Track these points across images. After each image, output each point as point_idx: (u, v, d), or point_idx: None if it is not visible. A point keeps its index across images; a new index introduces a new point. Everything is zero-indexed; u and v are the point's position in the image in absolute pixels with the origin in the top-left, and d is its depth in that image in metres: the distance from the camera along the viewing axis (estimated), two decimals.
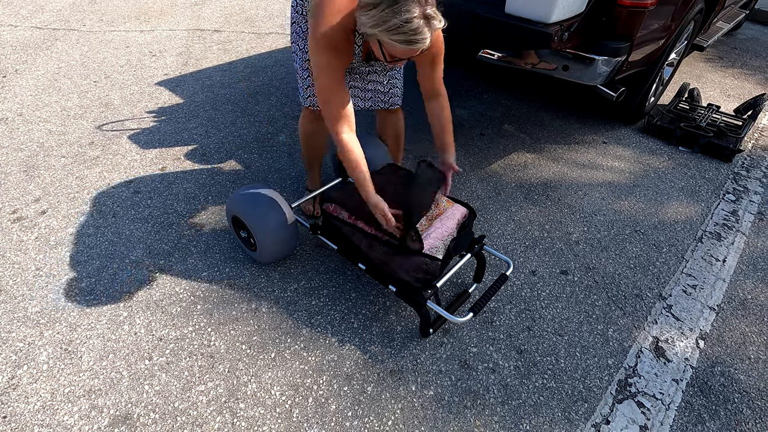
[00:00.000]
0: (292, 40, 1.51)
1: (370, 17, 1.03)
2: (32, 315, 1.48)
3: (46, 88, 2.82)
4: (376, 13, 1.01)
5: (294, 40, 1.50)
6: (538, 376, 1.41)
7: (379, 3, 1.01)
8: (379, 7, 1.01)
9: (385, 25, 1.01)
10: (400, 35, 1.02)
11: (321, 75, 1.18)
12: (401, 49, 1.06)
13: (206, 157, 2.28)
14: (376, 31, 1.04)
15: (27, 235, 1.78)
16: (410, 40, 1.03)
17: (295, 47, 1.51)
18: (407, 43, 1.04)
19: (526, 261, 1.81)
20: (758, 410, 1.36)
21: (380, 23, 1.02)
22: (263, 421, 1.24)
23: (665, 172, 2.41)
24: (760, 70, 3.76)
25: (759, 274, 1.83)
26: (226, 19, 4.06)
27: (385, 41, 1.06)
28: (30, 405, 1.25)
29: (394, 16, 1.00)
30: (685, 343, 1.54)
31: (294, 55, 1.54)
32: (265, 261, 1.64)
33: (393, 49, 1.08)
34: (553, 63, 2.04)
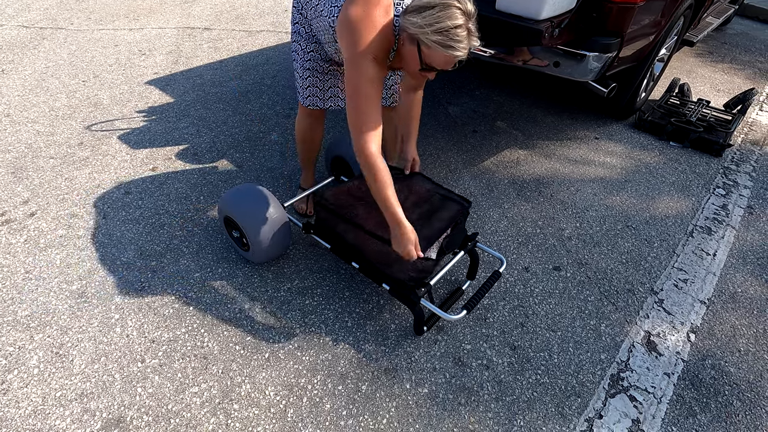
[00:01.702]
0: (293, 39, 1.50)
1: (423, 17, 1.08)
2: (22, 319, 1.46)
3: (34, 88, 2.78)
4: (430, 14, 1.07)
5: (295, 40, 1.49)
6: (532, 371, 1.42)
7: (433, 5, 1.07)
8: (433, 8, 1.07)
9: (436, 26, 1.07)
10: (445, 38, 1.08)
11: (363, 86, 1.17)
12: (441, 55, 1.11)
13: (198, 157, 2.26)
14: (426, 31, 1.08)
15: (16, 238, 1.75)
16: (453, 46, 1.09)
17: (296, 46, 1.50)
18: (449, 48, 1.09)
19: (519, 257, 1.82)
20: (748, 402, 1.38)
21: (432, 23, 1.07)
22: (257, 422, 1.24)
23: (656, 167, 2.42)
24: (749, 65, 3.79)
25: (749, 268, 1.85)
26: (216, 16, 4.02)
27: (429, 44, 1.10)
28: (21, 410, 1.23)
29: (446, 20, 1.06)
30: (676, 337, 1.55)
31: (294, 54, 1.52)
32: (258, 261, 1.64)
33: (433, 55, 1.12)
34: (545, 59, 2.05)
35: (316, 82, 1.54)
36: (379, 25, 1.16)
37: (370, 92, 1.18)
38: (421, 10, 1.09)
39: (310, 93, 1.56)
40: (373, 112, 1.19)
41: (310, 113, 1.64)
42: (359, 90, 1.18)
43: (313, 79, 1.53)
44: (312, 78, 1.53)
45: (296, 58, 1.52)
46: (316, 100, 1.58)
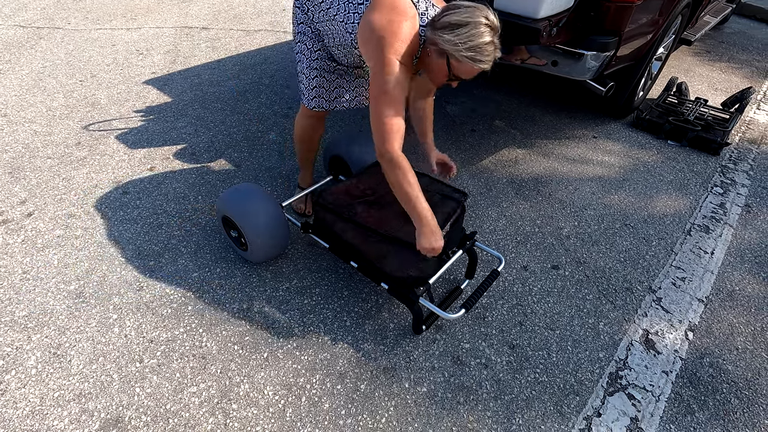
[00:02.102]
0: (297, 40, 1.49)
1: (456, 35, 1.13)
2: (19, 319, 1.46)
3: (31, 87, 2.77)
4: (463, 32, 1.13)
5: (300, 40, 1.48)
6: (531, 370, 1.42)
7: (465, 23, 1.13)
8: (466, 27, 1.13)
9: (469, 44, 1.13)
10: (477, 53, 1.15)
11: (392, 90, 1.20)
12: (469, 68, 1.19)
13: (196, 157, 2.26)
14: (459, 48, 1.14)
15: (13, 238, 1.75)
16: (483, 60, 1.16)
17: (301, 47, 1.49)
18: (479, 62, 1.17)
19: (518, 256, 1.82)
20: (746, 400, 1.38)
21: (465, 41, 1.13)
22: (256, 422, 1.24)
23: (654, 165, 2.43)
24: (747, 64, 3.80)
25: (746, 266, 1.85)
26: (214, 16, 4.01)
27: (460, 58, 1.16)
28: (18, 410, 1.23)
29: (476, 38, 1.13)
30: (674, 335, 1.56)
31: (300, 55, 1.51)
32: (257, 260, 1.64)
33: (462, 67, 1.19)
34: (543, 58, 2.05)
35: (323, 83, 1.53)
36: (405, 33, 1.20)
37: (397, 96, 1.21)
38: (453, 27, 1.14)
39: (316, 94, 1.55)
40: (399, 115, 1.23)
41: (312, 114, 1.63)
42: (386, 94, 1.20)
43: (320, 79, 1.52)
44: (319, 78, 1.52)
45: (301, 59, 1.51)
46: (321, 101, 1.57)
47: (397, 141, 1.23)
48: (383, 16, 1.19)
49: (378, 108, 1.22)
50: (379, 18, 1.19)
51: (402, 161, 1.23)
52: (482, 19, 1.13)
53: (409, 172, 1.24)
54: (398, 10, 1.20)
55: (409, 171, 1.24)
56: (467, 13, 1.13)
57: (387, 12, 1.20)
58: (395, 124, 1.22)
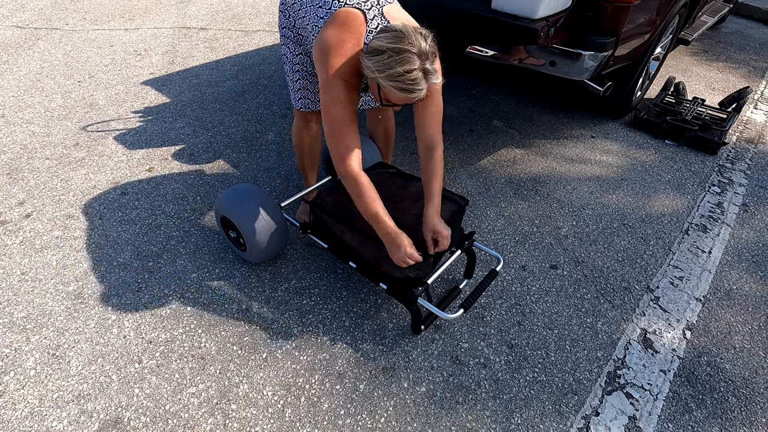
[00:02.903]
0: (282, 42, 1.50)
1: (375, 62, 1.08)
2: (18, 320, 1.46)
3: (29, 88, 2.77)
4: (381, 60, 1.07)
5: (284, 43, 1.49)
6: (529, 369, 1.42)
7: (384, 50, 1.06)
8: (384, 54, 1.06)
9: (387, 72, 1.07)
10: (398, 83, 1.07)
11: (335, 108, 1.19)
12: (397, 96, 1.12)
13: (194, 157, 2.26)
14: (378, 76, 1.09)
15: (11, 239, 1.75)
16: (407, 89, 1.08)
17: (285, 50, 1.50)
18: (403, 91, 1.09)
19: (516, 256, 1.82)
20: (743, 398, 1.39)
21: (383, 69, 1.07)
22: (255, 422, 1.24)
23: (652, 165, 2.43)
24: (744, 64, 3.81)
25: (744, 265, 1.86)
26: (212, 16, 4.01)
27: (384, 85, 1.11)
28: (17, 411, 1.23)
29: (396, 65, 1.05)
30: (672, 334, 1.56)
31: (284, 57, 1.53)
32: (255, 261, 1.64)
33: (390, 94, 1.14)
34: (541, 58, 2.05)
35: (306, 85, 1.54)
36: (349, 52, 1.17)
37: (344, 114, 1.19)
38: (374, 53, 1.08)
39: (301, 95, 1.56)
40: (350, 133, 1.20)
41: (303, 116, 1.62)
42: (332, 113, 1.19)
43: (303, 81, 1.53)
44: (302, 80, 1.53)
45: (285, 61, 1.53)
46: (307, 102, 1.57)
47: (352, 160, 1.20)
48: (333, 33, 1.18)
49: (326, 126, 1.21)
50: (329, 33, 1.18)
51: (359, 178, 1.21)
52: (407, 45, 1.05)
53: (367, 189, 1.21)
54: (348, 27, 1.18)
55: (367, 188, 1.21)
56: (393, 38, 1.06)
57: (338, 28, 1.18)
58: (348, 144, 1.19)
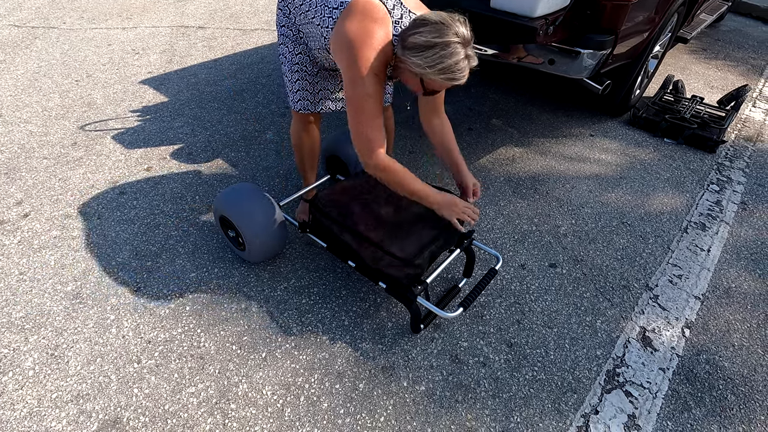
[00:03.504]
0: (280, 42, 1.48)
1: (424, 58, 1.09)
2: (16, 320, 1.46)
3: (26, 88, 2.76)
4: (430, 56, 1.08)
5: (282, 42, 1.47)
6: (528, 368, 1.42)
7: (432, 45, 1.08)
8: (433, 49, 1.08)
9: (439, 67, 1.09)
10: (449, 74, 1.10)
11: (366, 104, 1.18)
12: (442, 84, 1.16)
13: (192, 157, 2.25)
14: (428, 71, 1.11)
15: (9, 239, 1.74)
16: (456, 78, 1.12)
17: (284, 49, 1.48)
18: (452, 80, 1.13)
19: (516, 255, 1.82)
20: (742, 396, 1.39)
21: (434, 65, 1.09)
22: (255, 422, 1.24)
23: (651, 163, 2.43)
24: (742, 62, 3.82)
25: (742, 263, 1.86)
26: (210, 15, 4.00)
27: (432, 79, 1.13)
28: (16, 412, 1.23)
29: (447, 59, 1.08)
30: (671, 333, 1.56)
31: (282, 57, 1.50)
32: (254, 260, 1.63)
33: (435, 84, 1.17)
34: (539, 57, 2.05)
35: (305, 86, 1.51)
36: (378, 42, 1.16)
37: (374, 109, 1.19)
38: (422, 50, 1.09)
39: (300, 96, 1.53)
40: (378, 126, 1.21)
41: (302, 118, 1.60)
42: (362, 108, 1.18)
43: (303, 82, 1.50)
44: (301, 81, 1.50)
45: (284, 62, 1.50)
46: (306, 103, 1.55)
47: (381, 151, 1.22)
48: (355, 23, 1.15)
49: (356, 120, 1.20)
50: (350, 25, 1.16)
51: (392, 165, 1.23)
52: (452, 36, 1.07)
53: (400, 171, 1.24)
54: (371, 16, 1.16)
55: (400, 171, 1.24)
56: (436, 31, 1.07)
57: (359, 19, 1.16)
58: (374, 137, 1.20)
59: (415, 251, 1.32)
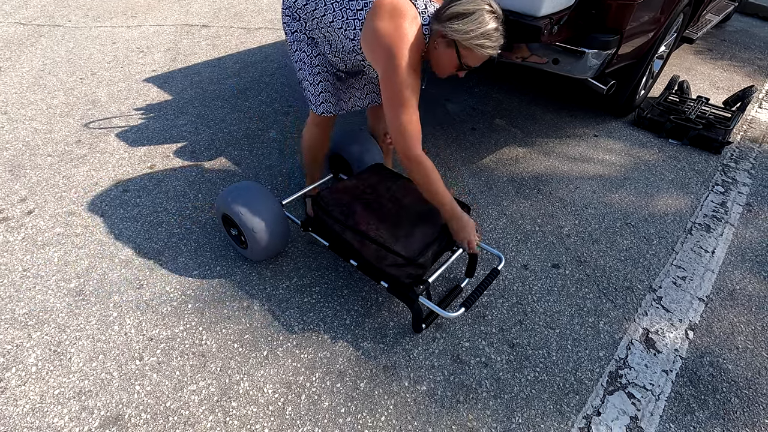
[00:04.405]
0: (295, 49, 1.47)
1: (464, 24, 1.17)
2: (20, 317, 1.46)
3: (31, 85, 2.77)
4: (470, 21, 1.16)
5: (298, 48, 1.46)
6: (530, 369, 1.42)
7: (471, 13, 1.16)
8: (471, 16, 1.16)
9: (478, 31, 1.17)
10: (485, 41, 1.19)
11: (407, 93, 1.23)
12: (478, 54, 1.22)
13: (196, 155, 2.26)
14: (471, 36, 1.17)
15: (13, 236, 1.75)
16: (491, 45, 1.21)
17: (300, 55, 1.46)
18: (488, 48, 1.21)
19: (518, 255, 1.81)
20: (746, 399, 1.38)
21: (474, 29, 1.17)
22: (256, 419, 1.24)
23: (655, 164, 2.42)
24: (749, 62, 3.79)
25: (747, 265, 1.85)
26: (214, 14, 4.00)
27: (471, 47, 1.20)
28: (19, 408, 1.23)
29: (485, 25, 1.17)
30: (674, 334, 1.55)
31: (299, 63, 1.48)
32: (257, 259, 1.63)
33: (471, 55, 1.23)
34: (544, 56, 2.04)
35: (328, 87, 1.50)
36: (411, 36, 1.21)
37: (412, 100, 1.24)
38: (461, 17, 1.17)
39: (323, 99, 1.52)
40: (415, 117, 1.26)
41: (320, 121, 1.59)
42: (402, 100, 1.23)
43: (325, 83, 1.49)
44: (324, 83, 1.49)
45: (302, 67, 1.48)
46: (329, 105, 1.53)
47: (418, 143, 1.27)
48: (386, 22, 1.21)
49: (395, 114, 1.24)
50: (382, 24, 1.21)
51: (425, 161, 1.28)
52: (486, 6, 1.17)
53: (432, 170, 1.28)
54: (399, 12, 1.21)
55: (432, 169, 1.28)
56: (472, 2, 1.16)
57: (389, 17, 1.21)
58: (414, 128, 1.25)
59: (419, 250, 1.31)
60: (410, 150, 1.26)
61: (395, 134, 1.26)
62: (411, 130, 1.25)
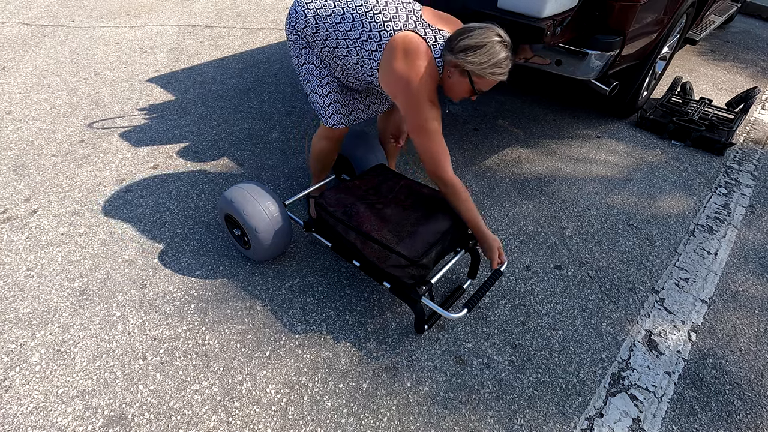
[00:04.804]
0: (303, 62, 1.48)
1: (477, 56, 1.23)
2: (24, 316, 1.47)
3: (35, 85, 2.78)
4: (482, 53, 1.22)
5: (306, 62, 1.47)
6: (533, 370, 1.42)
7: (483, 45, 1.22)
8: (483, 48, 1.22)
9: (492, 61, 1.23)
10: (497, 69, 1.25)
11: (430, 124, 1.31)
12: (491, 81, 1.29)
13: (199, 155, 2.26)
14: (484, 66, 1.24)
15: (17, 236, 1.76)
16: (502, 73, 1.27)
17: (309, 68, 1.48)
18: (501, 75, 1.27)
19: (521, 256, 1.81)
20: (749, 401, 1.38)
21: (487, 60, 1.23)
22: (259, 420, 1.24)
23: (658, 165, 2.42)
24: (752, 63, 3.78)
25: (750, 267, 1.85)
26: (217, 14, 4.01)
27: (484, 75, 1.26)
28: (23, 406, 1.24)
29: (496, 55, 1.23)
30: (677, 336, 1.55)
31: (308, 76, 1.49)
32: (259, 259, 1.64)
33: (483, 82, 1.29)
34: (547, 58, 2.04)
35: (337, 98, 1.51)
36: (426, 72, 1.28)
37: (435, 128, 1.32)
38: (472, 49, 1.23)
39: (333, 111, 1.52)
40: (442, 143, 1.34)
41: (331, 134, 1.59)
42: (426, 131, 1.31)
43: (335, 94, 1.50)
44: (333, 94, 1.50)
45: (311, 80, 1.49)
46: (340, 117, 1.53)
47: (448, 167, 1.36)
48: (401, 62, 1.28)
49: (422, 142, 1.33)
50: (398, 64, 1.28)
51: (458, 184, 1.36)
52: (496, 37, 1.23)
53: (463, 191, 1.37)
54: (413, 51, 1.27)
55: (463, 190, 1.37)
56: (483, 34, 1.22)
57: (403, 56, 1.28)
58: (442, 152, 1.34)
59: (422, 251, 1.31)
60: (443, 173, 1.35)
61: (426, 160, 1.35)
62: (440, 156, 1.33)
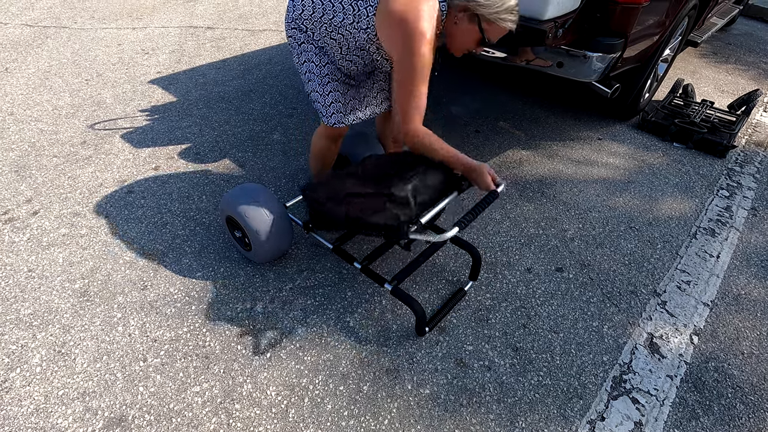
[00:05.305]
0: (303, 60, 1.47)
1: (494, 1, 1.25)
2: (25, 317, 1.47)
3: (37, 86, 2.79)
4: None
5: (306, 59, 1.46)
6: (534, 373, 1.41)
7: None
8: None
9: (505, 6, 1.26)
10: (509, 15, 1.28)
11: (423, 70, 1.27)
12: (499, 28, 1.31)
13: (200, 156, 2.27)
14: (497, 10, 1.26)
15: (19, 236, 1.76)
16: (514, 20, 1.30)
17: (309, 66, 1.46)
18: (511, 22, 1.30)
19: (522, 258, 1.81)
20: (751, 405, 1.37)
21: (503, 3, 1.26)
22: (259, 422, 1.24)
23: (659, 168, 2.41)
24: (753, 66, 3.78)
25: (752, 270, 1.84)
26: (219, 15, 4.02)
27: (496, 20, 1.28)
28: (23, 408, 1.24)
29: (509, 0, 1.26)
30: (679, 339, 1.55)
31: (308, 74, 1.48)
32: (260, 261, 1.64)
33: (492, 29, 1.31)
34: (548, 60, 2.04)
35: (338, 97, 1.49)
36: (427, 13, 1.24)
37: (426, 75, 1.29)
38: None
39: (334, 109, 1.51)
40: (424, 95, 1.31)
41: (331, 133, 1.58)
42: (417, 75, 1.27)
43: (335, 93, 1.49)
44: (334, 93, 1.48)
45: (312, 78, 1.48)
46: (340, 116, 1.52)
47: (420, 120, 1.34)
48: (402, 4, 1.24)
49: (406, 90, 1.29)
50: (397, 5, 1.24)
51: (425, 133, 1.34)
52: None
53: (432, 137, 1.35)
54: None
55: (432, 137, 1.35)
56: None
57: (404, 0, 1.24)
58: (422, 103, 1.32)
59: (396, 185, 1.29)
60: (413, 125, 1.32)
61: (403, 109, 1.30)
62: (419, 106, 1.31)
